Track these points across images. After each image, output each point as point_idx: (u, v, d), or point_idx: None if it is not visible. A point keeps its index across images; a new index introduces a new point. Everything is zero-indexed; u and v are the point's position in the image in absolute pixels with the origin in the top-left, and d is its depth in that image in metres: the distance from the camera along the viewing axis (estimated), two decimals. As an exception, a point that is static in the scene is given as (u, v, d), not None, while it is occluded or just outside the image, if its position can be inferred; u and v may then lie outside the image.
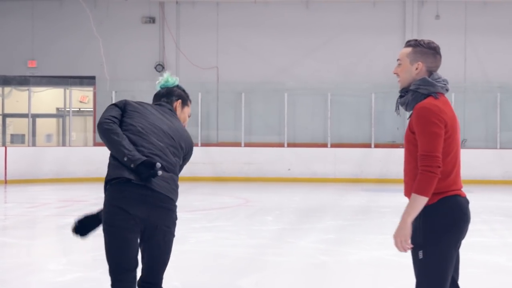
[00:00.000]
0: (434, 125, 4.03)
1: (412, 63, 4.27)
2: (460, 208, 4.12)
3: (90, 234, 4.89)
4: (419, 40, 4.31)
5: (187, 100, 5.18)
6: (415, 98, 4.18)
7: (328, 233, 11.21)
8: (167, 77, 5.16)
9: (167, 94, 5.10)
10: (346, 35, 24.31)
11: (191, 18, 24.79)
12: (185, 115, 5.16)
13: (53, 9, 24.58)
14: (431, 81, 4.19)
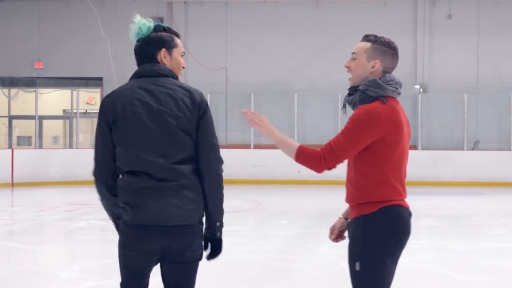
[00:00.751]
0: (362, 131, 3.80)
1: (369, 60, 4.02)
2: (401, 219, 3.88)
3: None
4: (379, 37, 4.07)
5: (172, 40, 4.07)
6: (362, 99, 3.93)
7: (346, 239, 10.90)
8: (139, 24, 4.02)
9: (144, 50, 4.03)
10: (357, 36, 23.64)
11: (200, 19, 24.52)
12: (177, 59, 4.08)
13: (59, 10, 24.31)
14: (382, 84, 3.93)
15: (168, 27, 4.11)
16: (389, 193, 3.87)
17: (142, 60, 4.05)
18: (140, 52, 4.05)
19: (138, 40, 4.06)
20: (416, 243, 10.46)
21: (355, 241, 3.86)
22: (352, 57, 4.08)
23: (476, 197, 18.42)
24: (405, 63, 23.80)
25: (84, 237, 11.47)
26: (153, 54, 4.02)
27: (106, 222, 12.71)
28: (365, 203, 3.87)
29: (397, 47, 4.07)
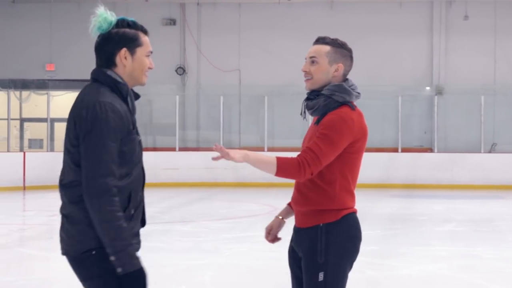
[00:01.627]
0: (340, 136, 3.68)
1: (331, 64, 3.85)
2: (358, 226, 3.81)
3: None
4: (336, 39, 3.91)
5: (137, 38, 3.53)
6: (327, 105, 3.77)
7: (369, 244, 10.61)
8: (100, 17, 3.54)
9: (102, 48, 3.54)
10: (372, 37, 23.71)
11: (213, 20, 24.28)
12: (141, 60, 3.54)
13: (71, 12, 24.09)
14: (348, 89, 3.80)
15: (133, 22, 3.57)
16: (350, 200, 3.78)
17: (98, 60, 3.56)
18: (98, 50, 3.55)
19: (98, 36, 3.56)
20: (441, 250, 10.18)
21: (318, 251, 3.69)
22: (311, 60, 3.85)
23: (495, 200, 18.12)
24: (420, 64, 23.53)
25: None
26: (111, 53, 3.51)
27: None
28: (327, 210, 3.73)
29: (351, 49, 3.93)
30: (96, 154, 3.32)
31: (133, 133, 3.47)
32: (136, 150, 3.50)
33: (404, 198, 18.44)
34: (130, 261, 3.32)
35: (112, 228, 3.29)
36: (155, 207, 15.76)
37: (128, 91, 3.52)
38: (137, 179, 3.53)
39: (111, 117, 3.34)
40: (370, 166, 21.81)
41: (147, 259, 9.45)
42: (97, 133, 3.31)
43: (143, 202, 3.62)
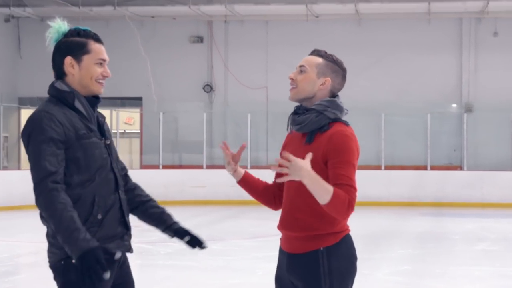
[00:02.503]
0: (356, 157, 3.55)
1: (319, 76, 3.68)
2: (354, 246, 3.69)
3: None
4: (331, 55, 3.74)
5: (84, 46, 3.52)
6: (318, 121, 3.61)
7: (402, 264, 10.48)
8: (53, 29, 3.56)
9: (52, 59, 3.59)
10: (400, 53, 23.57)
11: (240, 37, 24.26)
12: (88, 68, 3.51)
13: (99, 29, 23.98)
14: (341, 105, 3.68)
15: (85, 31, 3.55)
16: (345, 221, 3.65)
17: (54, 71, 3.59)
18: (52, 62, 3.59)
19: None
20: (478, 270, 10.01)
21: (321, 276, 3.53)
22: (300, 69, 3.69)
23: (527, 219, 17.88)
24: (449, 81, 23.34)
25: (132, 261, 11.13)
26: (59, 62, 3.54)
27: (151, 245, 12.42)
28: (327, 234, 3.57)
29: (346, 69, 3.77)
30: (34, 161, 3.36)
31: (85, 138, 3.47)
32: (95, 154, 3.49)
33: (434, 217, 18.23)
34: (75, 245, 3.22)
35: (55, 221, 3.26)
36: (184, 225, 15.67)
37: (76, 99, 3.50)
38: (102, 183, 3.51)
39: (46, 124, 3.37)
40: (398, 184, 21.65)
41: (179, 278, 9.38)
42: (33, 143, 3.37)
43: (118, 205, 3.57)
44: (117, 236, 3.54)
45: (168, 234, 3.84)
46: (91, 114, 3.54)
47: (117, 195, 3.57)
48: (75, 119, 3.47)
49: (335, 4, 22.33)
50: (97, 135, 3.54)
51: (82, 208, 3.41)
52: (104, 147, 3.56)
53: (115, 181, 3.57)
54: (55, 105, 3.48)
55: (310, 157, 3.35)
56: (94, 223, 3.45)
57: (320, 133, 3.58)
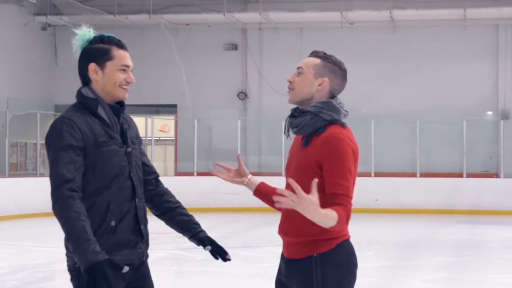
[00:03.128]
0: (351, 162, 3.45)
1: (317, 77, 3.57)
2: (354, 254, 3.56)
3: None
4: (330, 55, 3.63)
5: (107, 52, 3.57)
6: (314, 123, 3.51)
7: (440, 271, 10.39)
8: (79, 35, 3.62)
9: (78, 67, 3.66)
10: (435, 60, 23.41)
11: (274, 44, 24.27)
12: (110, 75, 3.57)
13: (135, 37, 24.32)
14: (337, 106, 3.54)
15: (109, 37, 3.60)
16: (344, 227, 3.51)
17: (80, 78, 3.65)
18: (78, 69, 3.65)
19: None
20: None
21: (314, 283, 3.45)
22: (298, 71, 3.60)
23: None
24: (486, 88, 23.14)
25: (167, 268, 11.19)
26: (84, 69, 3.60)
27: (186, 252, 12.44)
28: (322, 239, 3.48)
29: (347, 70, 3.66)
30: (52, 168, 3.42)
31: (104, 145, 3.49)
32: (112, 162, 3.51)
33: (471, 224, 18.07)
34: (84, 257, 3.26)
35: (68, 229, 3.31)
36: (218, 231, 15.67)
37: (99, 106, 3.55)
38: (119, 191, 3.53)
39: (65, 131, 3.42)
40: (434, 192, 21.48)
41: (214, 284, 9.38)
42: (52, 149, 3.43)
43: (133, 213, 3.58)
44: (130, 244, 3.56)
45: (193, 242, 3.87)
46: (113, 122, 3.57)
47: (133, 203, 3.58)
48: (96, 126, 3.51)
49: (369, 11, 22.27)
50: (118, 143, 3.56)
51: (96, 214, 3.45)
52: (124, 155, 3.57)
53: (132, 189, 3.58)
54: (77, 112, 3.54)
55: (315, 186, 3.24)
56: (107, 229, 3.48)
57: (316, 135, 3.51)
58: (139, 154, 3.71)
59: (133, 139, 3.66)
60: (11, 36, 22.77)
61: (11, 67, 22.72)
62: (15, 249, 13.21)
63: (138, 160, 3.67)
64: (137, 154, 3.67)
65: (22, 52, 23.27)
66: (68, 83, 24.80)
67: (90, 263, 3.25)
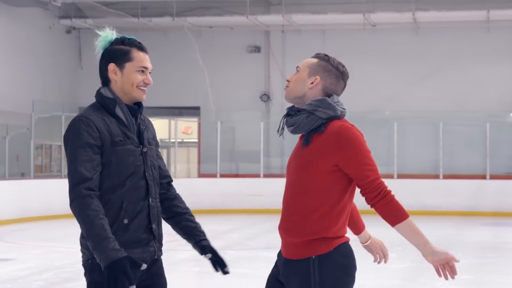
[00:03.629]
0: (364, 144, 3.51)
1: (310, 76, 3.62)
2: (353, 256, 3.55)
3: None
4: (329, 56, 3.68)
5: (127, 53, 3.66)
6: (310, 121, 3.53)
7: (463, 273, 10.32)
8: (102, 36, 3.71)
9: (99, 67, 3.74)
10: (458, 62, 23.36)
11: (297, 47, 24.32)
12: (129, 76, 3.65)
13: (158, 39, 24.47)
14: (332, 104, 3.55)
15: (130, 39, 3.69)
16: (340, 228, 3.53)
17: (100, 78, 3.74)
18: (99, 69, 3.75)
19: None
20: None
21: (312, 286, 3.45)
22: (296, 70, 3.68)
23: None
24: (509, 90, 23.06)
25: (190, 268, 11.27)
26: (104, 69, 3.68)
27: (209, 253, 12.50)
28: (320, 240, 3.49)
29: (347, 72, 3.68)
30: (71, 166, 3.51)
31: (120, 145, 3.58)
32: (128, 161, 3.59)
33: (494, 226, 18.00)
34: (105, 254, 3.37)
35: (86, 227, 3.41)
36: (240, 233, 15.76)
37: (117, 106, 3.63)
38: (133, 190, 3.61)
39: (83, 129, 3.51)
40: (457, 194, 21.40)
41: (237, 286, 9.44)
42: (71, 147, 3.52)
43: (146, 212, 3.65)
44: (142, 242, 3.63)
45: (196, 250, 3.92)
46: (130, 122, 3.65)
47: (146, 202, 3.66)
48: (113, 125, 3.60)
49: (392, 13, 22.26)
50: (134, 142, 3.64)
51: (110, 211, 3.53)
52: (140, 155, 3.65)
53: (146, 188, 3.66)
54: (95, 111, 3.63)
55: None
56: (120, 227, 3.56)
57: (318, 134, 3.53)
58: (155, 154, 3.79)
59: (149, 140, 3.75)
60: (36, 39, 22.99)
61: (36, 69, 22.94)
62: (41, 250, 13.36)
63: (154, 161, 3.75)
64: (153, 154, 3.76)
65: (47, 55, 23.49)
66: (93, 85, 24.90)
67: (111, 260, 3.35)
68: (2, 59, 21.64)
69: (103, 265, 3.38)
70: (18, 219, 17.98)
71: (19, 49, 22.23)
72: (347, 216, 3.58)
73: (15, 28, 22.11)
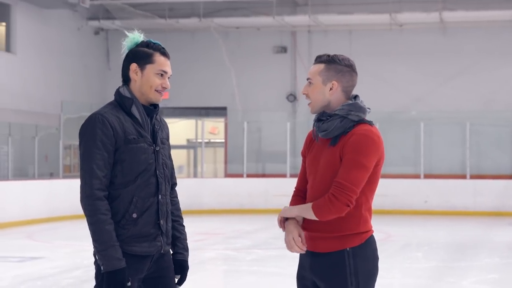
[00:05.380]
0: (368, 158, 3.53)
1: (325, 83, 3.66)
2: (377, 248, 3.68)
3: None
4: (332, 56, 3.69)
5: (149, 56, 3.78)
6: (343, 125, 3.60)
7: (489, 272, 10.39)
8: (129, 37, 3.85)
9: (122, 66, 3.88)
10: (486, 62, 23.26)
11: (323, 47, 24.30)
12: (148, 78, 3.77)
13: (185, 41, 24.63)
14: (363, 106, 3.64)
15: (154, 43, 3.82)
16: (370, 221, 3.65)
17: (122, 77, 3.89)
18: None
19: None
20: None
21: (348, 276, 3.55)
22: (308, 82, 3.71)
23: None
24: (537, 89, 22.95)
25: (217, 267, 11.36)
26: (126, 68, 3.83)
27: (236, 252, 12.61)
28: (352, 234, 3.59)
29: (354, 63, 3.72)
30: (83, 162, 3.69)
31: (133, 143, 3.73)
32: (140, 158, 3.74)
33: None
34: (109, 261, 3.62)
35: (95, 229, 3.63)
36: (267, 233, 15.82)
37: (133, 105, 3.77)
38: (143, 186, 3.76)
39: (98, 127, 3.67)
40: (485, 194, 21.31)
41: (264, 284, 9.51)
42: (85, 144, 3.69)
43: (155, 208, 3.78)
44: (150, 237, 3.78)
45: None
46: (145, 121, 3.80)
47: (155, 198, 3.80)
48: (127, 124, 3.75)
49: (419, 13, 22.22)
50: (147, 141, 3.79)
51: (120, 205, 3.72)
52: (152, 153, 3.80)
53: (156, 185, 3.81)
54: (112, 109, 3.78)
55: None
56: (129, 221, 3.73)
57: (345, 135, 3.61)
58: (167, 153, 3.94)
59: (163, 139, 3.90)
60: (64, 41, 23.23)
61: (65, 70, 23.17)
62: (70, 249, 13.52)
63: (166, 159, 3.90)
64: (165, 153, 3.91)
65: (75, 56, 23.72)
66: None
67: (113, 269, 3.62)
68: (32, 61, 21.89)
69: (104, 270, 3.63)
70: (48, 218, 18.19)
71: (48, 51, 22.49)
72: (371, 210, 3.68)
73: (44, 30, 22.37)
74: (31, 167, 20.58)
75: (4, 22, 21.61)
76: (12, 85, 21.10)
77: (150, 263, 3.81)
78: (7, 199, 17.44)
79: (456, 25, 23.22)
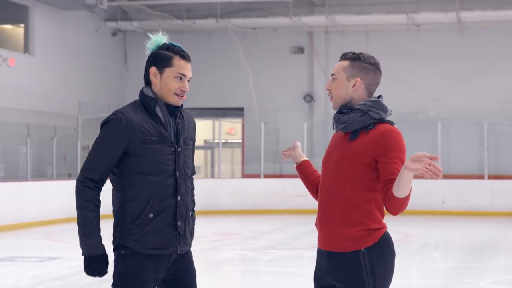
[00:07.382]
0: (405, 153, 3.56)
1: (349, 79, 3.70)
2: (393, 243, 3.65)
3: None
4: (358, 53, 3.74)
5: (169, 59, 3.81)
6: (363, 120, 3.62)
7: (507, 273, 10.38)
8: (152, 39, 3.89)
9: (144, 68, 3.94)
10: (504, 62, 23.18)
11: (340, 47, 24.30)
12: (166, 81, 3.81)
13: (202, 41, 24.70)
14: (385, 106, 3.65)
15: (175, 46, 3.83)
16: (380, 218, 3.62)
17: (144, 78, 3.94)
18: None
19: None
20: None
21: (365, 276, 3.55)
22: (332, 78, 3.76)
23: None
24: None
25: (234, 267, 11.39)
26: (147, 71, 3.87)
27: (254, 252, 12.65)
28: (367, 231, 3.58)
29: (379, 62, 3.74)
30: (90, 152, 3.80)
31: (151, 143, 3.75)
32: (158, 159, 3.76)
33: (540, 227, 17.87)
34: (87, 247, 3.80)
35: (79, 214, 3.78)
36: (285, 233, 15.85)
37: (157, 105, 3.80)
38: (160, 187, 3.78)
39: (115, 126, 3.73)
40: (503, 194, 21.22)
41: (281, 284, 9.54)
42: (99, 138, 3.78)
43: (172, 210, 3.80)
44: (165, 237, 3.79)
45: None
46: (168, 121, 3.82)
47: (173, 200, 3.81)
48: (148, 124, 3.77)
49: (436, 13, 22.18)
50: (168, 142, 3.80)
51: (137, 205, 3.77)
52: (172, 154, 3.81)
53: (174, 187, 3.81)
54: (134, 108, 3.81)
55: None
56: (145, 220, 3.77)
57: (366, 131, 3.62)
58: (190, 154, 3.95)
59: (186, 140, 3.90)
60: (82, 42, 23.35)
61: (83, 72, 23.30)
62: (88, 249, 13.58)
63: (188, 160, 3.90)
64: (188, 154, 3.91)
65: (93, 57, 23.84)
66: (138, 87, 25.06)
67: (89, 254, 3.81)
68: (50, 62, 22.03)
69: (82, 254, 3.80)
70: (66, 218, 18.27)
71: (66, 52, 22.62)
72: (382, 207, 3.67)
73: (62, 31, 22.50)
74: (50, 168, 20.70)
75: (23, 23, 21.77)
76: (31, 86, 21.25)
77: (168, 264, 3.83)
78: (26, 200, 17.55)
79: (474, 25, 23.15)
